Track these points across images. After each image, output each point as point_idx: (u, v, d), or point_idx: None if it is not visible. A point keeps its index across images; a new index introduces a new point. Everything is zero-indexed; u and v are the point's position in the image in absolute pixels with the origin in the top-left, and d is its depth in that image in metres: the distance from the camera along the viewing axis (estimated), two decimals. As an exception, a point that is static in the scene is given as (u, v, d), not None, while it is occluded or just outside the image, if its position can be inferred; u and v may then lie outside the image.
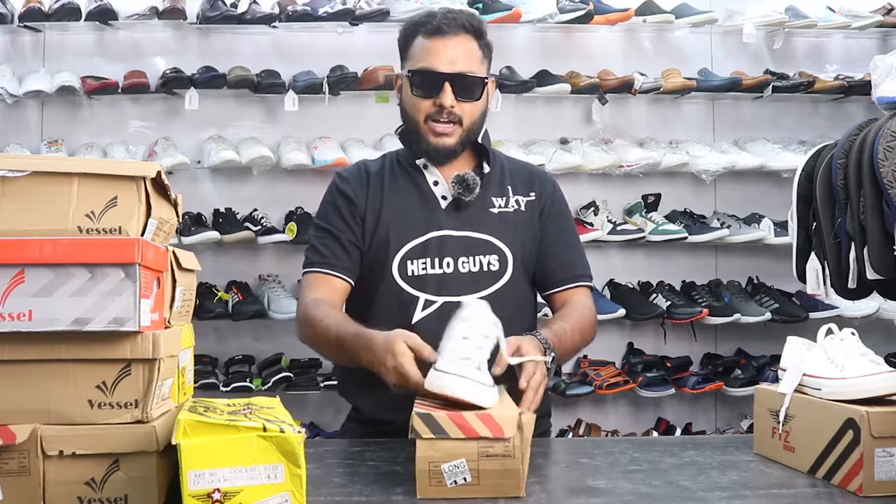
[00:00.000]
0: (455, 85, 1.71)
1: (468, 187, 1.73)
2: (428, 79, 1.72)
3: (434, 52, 1.72)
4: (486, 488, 1.17)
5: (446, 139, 1.73)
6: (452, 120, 1.72)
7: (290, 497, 1.01)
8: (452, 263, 1.73)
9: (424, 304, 1.72)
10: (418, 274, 1.73)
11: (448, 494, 1.17)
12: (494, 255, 1.75)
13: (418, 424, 1.17)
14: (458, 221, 1.76)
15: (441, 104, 1.71)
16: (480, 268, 1.74)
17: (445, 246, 1.74)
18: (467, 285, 1.72)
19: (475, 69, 1.73)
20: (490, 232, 1.76)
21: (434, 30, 1.73)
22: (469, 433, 1.17)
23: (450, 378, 1.25)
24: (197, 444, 0.98)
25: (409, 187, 1.80)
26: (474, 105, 1.74)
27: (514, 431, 1.18)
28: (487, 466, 1.17)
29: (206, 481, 0.98)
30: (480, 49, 1.76)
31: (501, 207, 1.79)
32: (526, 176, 1.86)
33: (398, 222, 1.77)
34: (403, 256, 1.74)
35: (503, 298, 1.72)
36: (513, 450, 1.17)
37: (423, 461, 1.17)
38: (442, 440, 1.17)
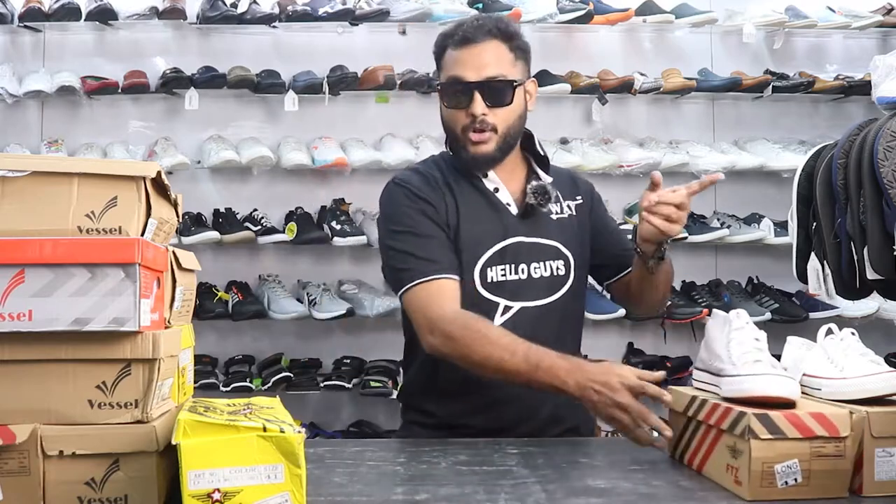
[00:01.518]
0: (484, 92, 1.69)
1: (546, 196, 1.75)
2: (457, 89, 1.71)
3: (461, 62, 1.71)
4: (814, 489, 1.17)
5: (483, 147, 1.72)
6: (486, 128, 1.71)
7: (291, 497, 1.00)
8: (526, 269, 1.75)
9: (503, 309, 1.73)
10: (497, 280, 1.74)
11: (778, 496, 1.16)
12: (561, 260, 1.78)
13: (755, 425, 1.16)
14: (527, 228, 1.77)
15: (472, 113, 1.69)
16: (551, 273, 1.76)
17: (520, 252, 1.75)
18: (540, 291, 1.75)
19: (505, 73, 1.72)
20: (555, 238, 1.78)
21: (461, 40, 1.72)
22: (806, 433, 1.16)
23: (764, 378, 1.24)
24: (197, 444, 0.98)
25: (475, 193, 1.78)
26: (507, 110, 1.72)
27: (848, 430, 1.17)
28: (818, 467, 1.17)
29: (206, 481, 0.98)
30: (512, 52, 1.75)
31: (558, 214, 1.82)
32: (568, 181, 1.89)
33: (476, 228, 1.75)
34: (485, 263, 1.74)
35: (567, 302, 1.78)
36: (844, 450, 1.17)
37: (758, 462, 1.16)
38: (778, 440, 1.16)
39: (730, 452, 1.22)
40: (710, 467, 1.29)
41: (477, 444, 1.53)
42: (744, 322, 1.37)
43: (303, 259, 3.26)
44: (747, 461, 1.17)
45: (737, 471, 1.20)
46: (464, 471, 1.33)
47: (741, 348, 1.32)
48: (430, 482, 1.26)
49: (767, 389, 1.22)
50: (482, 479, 1.28)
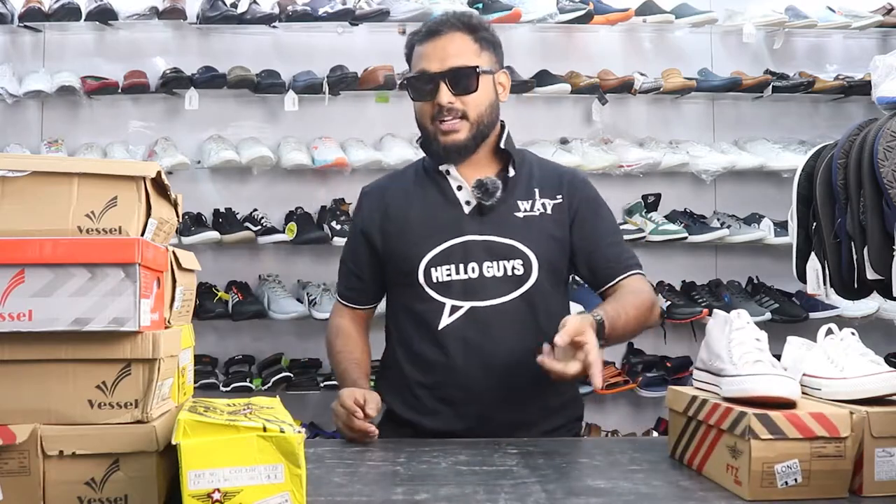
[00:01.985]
0: (449, 81, 1.71)
1: (487, 191, 1.73)
2: (422, 81, 1.74)
3: (426, 56, 1.74)
4: (814, 489, 1.17)
5: (455, 135, 1.73)
6: (456, 115, 1.72)
7: (291, 497, 1.00)
8: (478, 268, 1.73)
9: (451, 309, 1.72)
10: (443, 280, 1.73)
11: (778, 496, 1.16)
12: (518, 259, 1.74)
13: (756, 425, 1.16)
14: (482, 226, 1.75)
15: (439, 103, 1.71)
16: (505, 272, 1.73)
17: (470, 251, 1.74)
18: (493, 290, 1.72)
19: (468, 61, 1.73)
20: (514, 236, 1.75)
21: (425, 34, 1.76)
22: (806, 433, 1.16)
23: (764, 378, 1.24)
24: (197, 444, 0.98)
25: (433, 194, 1.80)
26: (474, 97, 1.73)
27: (848, 431, 1.17)
28: (818, 467, 1.17)
29: (206, 481, 0.98)
30: (476, 42, 1.76)
31: (527, 211, 1.78)
32: (554, 178, 1.83)
33: (420, 230, 1.77)
34: (428, 263, 1.74)
35: (529, 302, 1.73)
36: (845, 450, 1.17)
37: (758, 462, 1.16)
38: (778, 440, 1.16)
39: (730, 452, 1.22)
40: (710, 467, 1.29)
41: (477, 444, 1.53)
42: (744, 322, 1.37)
43: (303, 259, 3.26)
44: (747, 461, 1.17)
45: (737, 471, 1.20)
46: (464, 471, 1.33)
47: (741, 348, 1.32)
48: (430, 482, 1.26)
49: (768, 389, 1.22)
50: (482, 479, 1.28)
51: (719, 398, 1.30)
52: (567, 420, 1.81)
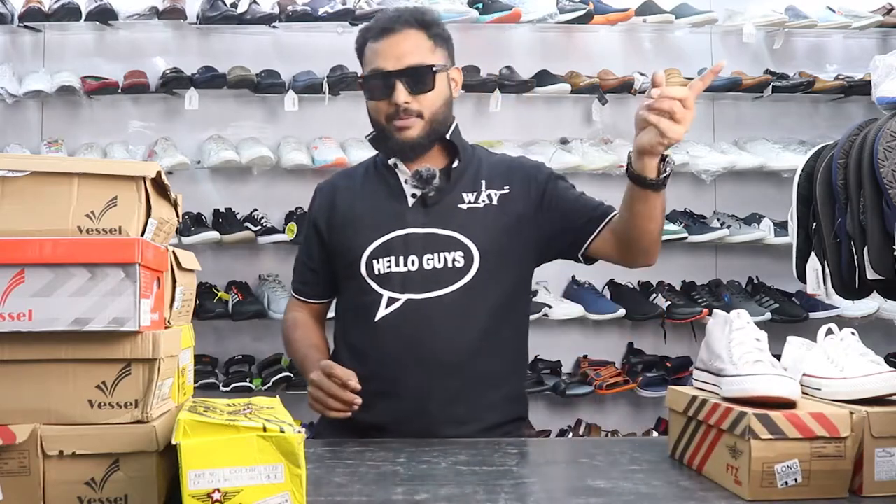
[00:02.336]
0: (405, 80, 1.72)
1: (422, 179, 1.74)
2: (378, 80, 1.74)
3: (381, 53, 1.74)
4: (814, 489, 1.17)
5: (409, 132, 1.74)
6: (411, 114, 1.73)
7: (291, 497, 1.00)
8: (417, 261, 1.74)
9: (388, 301, 1.73)
10: (384, 272, 1.75)
11: (778, 496, 1.16)
12: (459, 251, 1.73)
13: (756, 425, 1.16)
14: (425, 218, 1.76)
15: (395, 102, 1.72)
16: (445, 264, 1.73)
17: (410, 243, 1.75)
18: (431, 283, 1.72)
19: (424, 59, 1.74)
20: (456, 228, 1.74)
21: (378, 32, 1.76)
22: (806, 433, 1.17)
23: (764, 378, 1.24)
24: (197, 444, 0.98)
25: (381, 188, 1.83)
26: (430, 95, 1.74)
27: (848, 430, 1.17)
28: (818, 467, 1.17)
29: (206, 481, 0.98)
30: (431, 39, 1.76)
31: (471, 203, 1.77)
32: (503, 169, 1.83)
33: (365, 222, 1.80)
34: (370, 255, 1.76)
35: (470, 295, 1.72)
36: (845, 450, 1.17)
37: (758, 462, 1.16)
38: (778, 440, 1.17)
39: (730, 452, 1.22)
40: (710, 467, 1.29)
41: (477, 444, 1.53)
42: (744, 322, 1.37)
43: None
44: (747, 461, 1.17)
45: (737, 471, 1.20)
46: (464, 471, 1.33)
47: (742, 348, 1.32)
48: (430, 482, 1.26)
49: (768, 389, 1.22)
50: (482, 479, 1.28)
51: (719, 398, 1.30)
52: (508, 418, 1.78)
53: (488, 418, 1.73)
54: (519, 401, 1.85)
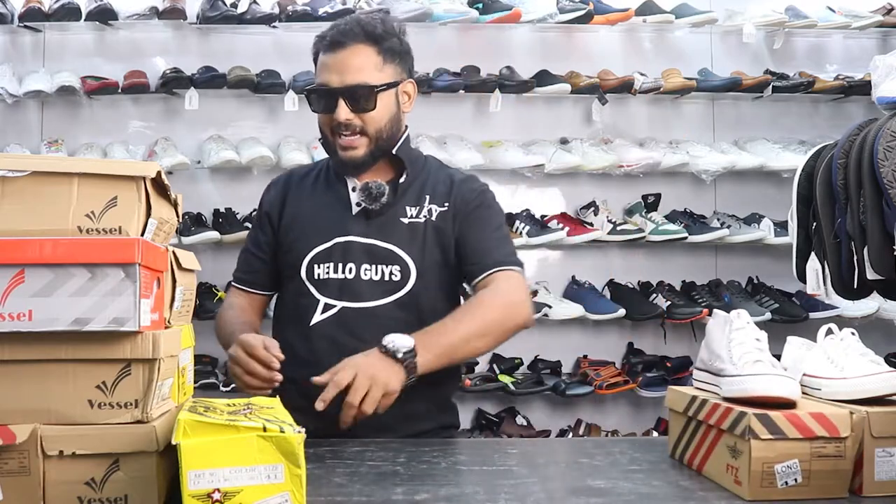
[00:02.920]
0: (347, 98, 1.70)
1: (371, 195, 1.74)
2: (321, 95, 1.74)
3: (327, 68, 1.73)
4: (814, 489, 1.17)
5: (353, 152, 1.74)
6: (354, 131, 1.72)
7: (291, 497, 1.00)
8: (355, 270, 1.74)
9: (324, 307, 1.74)
10: (323, 277, 1.75)
11: (778, 496, 1.16)
12: (396, 265, 1.74)
13: (756, 425, 1.16)
14: (367, 229, 1.76)
15: (337, 119, 1.71)
16: (382, 277, 1.74)
17: (350, 252, 1.75)
18: (367, 293, 1.73)
19: (368, 78, 1.71)
20: (395, 242, 1.75)
21: (328, 44, 1.73)
22: (806, 433, 1.17)
23: (764, 378, 1.24)
24: (197, 444, 0.98)
25: (328, 193, 1.83)
26: (373, 114, 1.72)
27: (848, 430, 1.17)
28: (818, 467, 1.17)
29: (206, 481, 0.98)
30: (380, 54, 1.73)
31: (413, 217, 1.77)
32: (446, 184, 1.81)
33: (310, 225, 1.80)
34: (312, 259, 1.77)
35: (405, 308, 1.73)
36: (845, 450, 1.17)
37: (758, 462, 1.16)
38: (778, 440, 1.17)
39: (730, 452, 1.22)
40: (710, 467, 1.29)
41: (477, 444, 1.53)
42: (744, 322, 1.37)
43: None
44: (747, 461, 1.17)
45: (737, 471, 1.20)
46: (464, 471, 1.34)
47: (742, 348, 1.32)
48: (430, 482, 1.26)
49: (768, 389, 1.22)
50: (482, 479, 1.28)
51: (719, 398, 1.30)
52: (435, 426, 1.76)
53: (416, 426, 1.72)
54: (447, 410, 1.83)
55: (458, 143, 3.16)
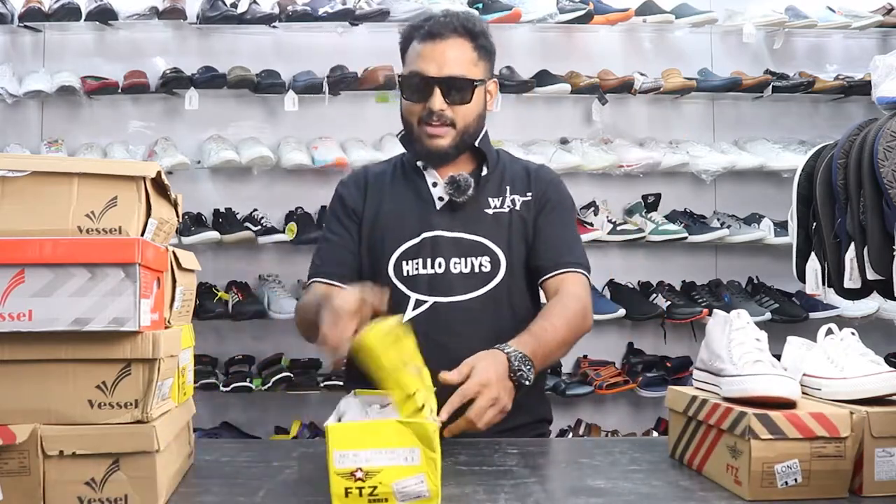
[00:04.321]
0: (444, 88, 1.71)
1: (459, 188, 1.74)
2: (418, 83, 1.73)
3: (425, 57, 1.73)
4: (814, 489, 1.17)
5: (440, 140, 1.74)
6: (445, 122, 1.73)
7: (426, 479, 1.08)
8: (444, 264, 1.74)
9: (415, 303, 1.73)
10: (412, 274, 1.75)
11: (778, 496, 1.16)
12: (486, 256, 1.75)
13: (756, 425, 1.16)
14: (452, 222, 1.76)
15: (431, 108, 1.71)
16: (472, 269, 1.74)
17: (438, 246, 1.75)
18: (458, 286, 1.73)
19: (466, 72, 1.73)
20: (483, 233, 1.76)
21: (426, 34, 1.74)
22: (806, 433, 1.17)
23: (764, 378, 1.24)
24: (342, 427, 1.11)
25: (409, 189, 1.82)
26: (466, 108, 1.74)
27: (848, 430, 1.17)
28: (818, 467, 1.17)
29: (350, 461, 1.08)
30: (476, 51, 1.76)
31: (497, 208, 1.79)
32: (524, 175, 1.85)
33: (395, 222, 1.79)
34: (399, 256, 1.76)
35: (496, 300, 1.73)
36: (845, 450, 1.17)
37: (758, 462, 1.17)
38: (778, 440, 1.17)
39: (730, 452, 1.22)
40: (710, 467, 1.29)
41: (477, 444, 1.53)
42: (744, 322, 1.37)
43: (303, 259, 3.23)
44: (747, 461, 1.17)
45: (737, 471, 1.20)
46: (464, 471, 1.33)
47: (742, 348, 1.32)
48: (430, 482, 1.26)
49: (768, 389, 1.22)
50: (482, 479, 1.28)
51: (719, 398, 1.30)
52: (530, 419, 1.77)
53: (512, 420, 1.73)
54: (542, 403, 1.84)
55: (458, 143, 3.15)
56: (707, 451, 1.30)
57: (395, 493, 1.09)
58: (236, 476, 1.31)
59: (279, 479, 1.30)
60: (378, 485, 1.08)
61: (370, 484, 1.08)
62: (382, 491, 1.08)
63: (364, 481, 1.08)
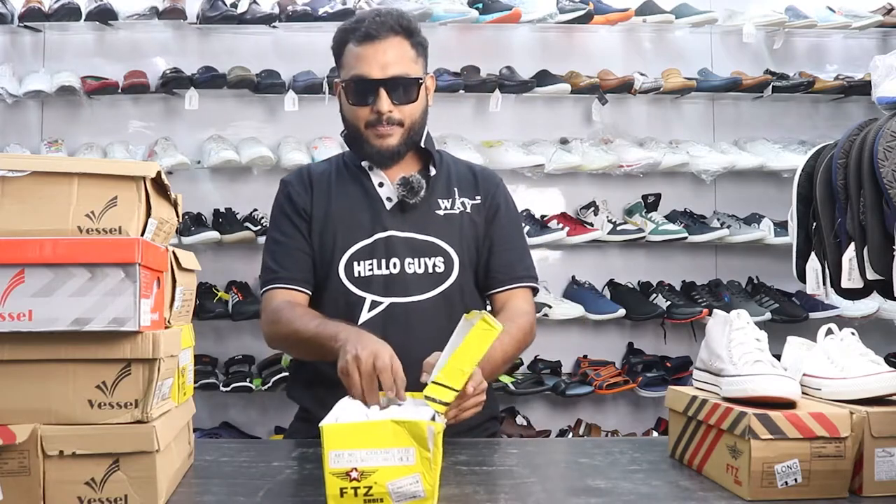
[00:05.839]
0: (390, 90, 1.70)
1: (412, 189, 1.74)
2: (362, 87, 1.72)
3: (365, 59, 1.71)
4: (815, 489, 1.17)
5: (389, 140, 1.73)
6: (393, 123, 1.72)
7: (421, 478, 1.08)
8: (399, 264, 1.74)
9: (371, 304, 1.72)
10: (365, 275, 1.74)
11: (778, 496, 1.17)
12: (440, 256, 1.75)
13: (756, 425, 1.17)
14: (404, 223, 1.76)
15: (378, 110, 1.70)
16: (426, 269, 1.74)
17: (392, 247, 1.74)
18: (413, 287, 1.73)
19: (409, 70, 1.72)
20: (435, 234, 1.76)
21: (363, 36, 1.71)
22: (806, 433, 1.17)
23: (764, 378, 1.24)
24: (337, 427, 1.12)
25: (355, 189, 1.81)
26: (412, 106, 1.74)
27: (848, 431, 1.18)
28: (818, 467, 1.17)
29: (345, 461, 1.09)
30: (413, 48, 1.75)
31: (447, 209, 1.79)
32: (469, 177, 1.86)
33: (344, 223, 1.77)
34: (350, 257, 1.75)
35: (450, 300, 1.74)
36: (845, 450, 1.17)
37: (758, 462, 1.17)
38: (778, 440, 1.17)
39: (730, 452, 1.22)
40: (710, 467, 1.29)
41: (477, 444, 1.53)
42: (744, 322, 1.37)
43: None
44: (747, 461, 1.17)
45: (737, 471, 1.20)
46: (464, 471, 1.33)
47: (742, 348, 1.32)
48: (430, 482, 1.26)
49: (768, 389, 1.22)
50: (482, 479, 1.28)
51: (719, 398, 1.30)
52: (482, 419, 1.75)
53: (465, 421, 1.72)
54: (491, 400, 1.83)
55: (458, 143, 3.15)
56: (707, 451, 1.30)
57: (391, 493, 1.09)
58: (236, 476, 1.31)
59: (279, 479, 1.30)
60: (373, 485, 1.08)
61: (365, 484, 1.08)
62: (378, 491, 1.09)
63: (359, 481, 1.08)
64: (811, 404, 1.24)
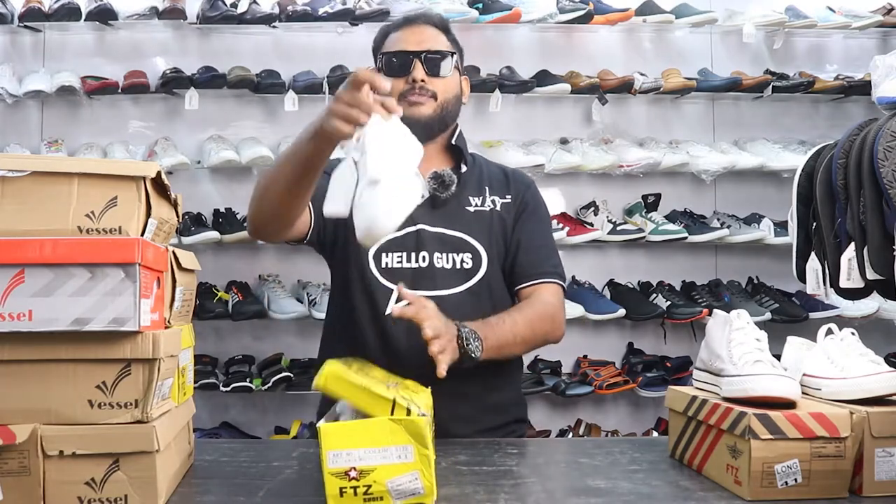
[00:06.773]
0: (424, 61, 1.76)
1: (443, 183, 1.76)
2: (398, 59, 1.78)
3: (403, 39, 1.81)
4: (815, 489, 1.18)
5: (421, 108, 1.75)
6: (425, 94, 1.76)
7: (420, 476, 1.09)
8: (428, 258, 1.75)
9: (399, 296, 1.72)
10: (393, 266, 1.75)
11: (778, 496, 1.17)
12: (468, 252, 1.76)
13: (756, 425, 1.17)
14: (434, 217, 1.77)
15: (413, 78, 1.75)
16: (454, 265, 1.75)
17: (422, 241, 1.75)
18: (441, 281, 1.73)
19: (443, 47, 1.80)
20: (465, 230, 1.77)
21: (401, 23, 1.84)
22: (806, 433, 1.17)
23: (764, 378, 1.24)
24: (335, 427, 1.10)
25: None
26: (446, 81, 1.78)
27: (848, 431, 1.18)
28: (818, 467, 1.17)
29: (344, 460, 1.08)
30: (449, 42, 1.84)
31: (478, 206, 1.81)
32: (502, 178, 1.89)
33: None
34: (380, 248, 1.75)
35: (477, 296, 1.74)
36: (845, 450, 1.18)
37: (758, 462, 1.17)
38: (778, 440, 1.17)
39: (730, 452, 1.22)
40: (710, 467, 1.29)
41: (477, 444, 1.53)
42: (744, 322, 1.37)
43: (303, 259, 3.26)
44: (747, 461, 1.17)
45: (737, 471, 1.20)
46: (464, 471, 1.33)
47: (742, 348, 1.32)
48: (430, 482, 1.26)
49: (768, 389, 1.22)
50: (482, 479, 1.28)
51: (719, 398, 1.30)
52: (509, 419, 1.79)
53: (492, 419, 1.74)
54: (519, 403, 1.85)
55: (458, 143, 3.16)
56: (707, 451, 1.30)
57: (390, 491, 1.09)
58: (236, 476, 1.31)
59: (279, 479, 1.30)
60: (372, 483, 1.09)
61: (364, 483, 1.08)
62: (377, 489, 1.09)
63: (358, 480, 1.08)
64: (811, 404, 1.24)
